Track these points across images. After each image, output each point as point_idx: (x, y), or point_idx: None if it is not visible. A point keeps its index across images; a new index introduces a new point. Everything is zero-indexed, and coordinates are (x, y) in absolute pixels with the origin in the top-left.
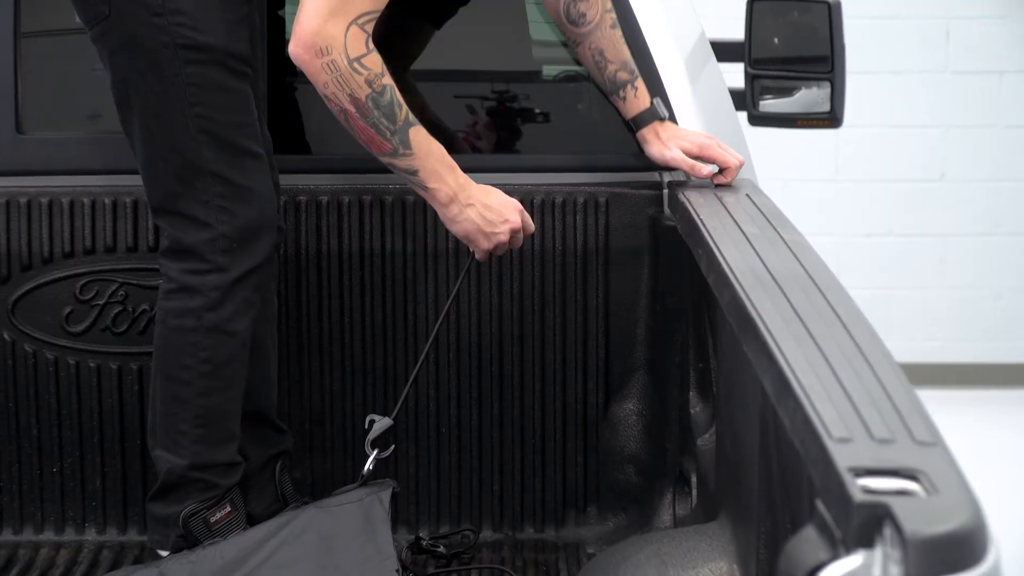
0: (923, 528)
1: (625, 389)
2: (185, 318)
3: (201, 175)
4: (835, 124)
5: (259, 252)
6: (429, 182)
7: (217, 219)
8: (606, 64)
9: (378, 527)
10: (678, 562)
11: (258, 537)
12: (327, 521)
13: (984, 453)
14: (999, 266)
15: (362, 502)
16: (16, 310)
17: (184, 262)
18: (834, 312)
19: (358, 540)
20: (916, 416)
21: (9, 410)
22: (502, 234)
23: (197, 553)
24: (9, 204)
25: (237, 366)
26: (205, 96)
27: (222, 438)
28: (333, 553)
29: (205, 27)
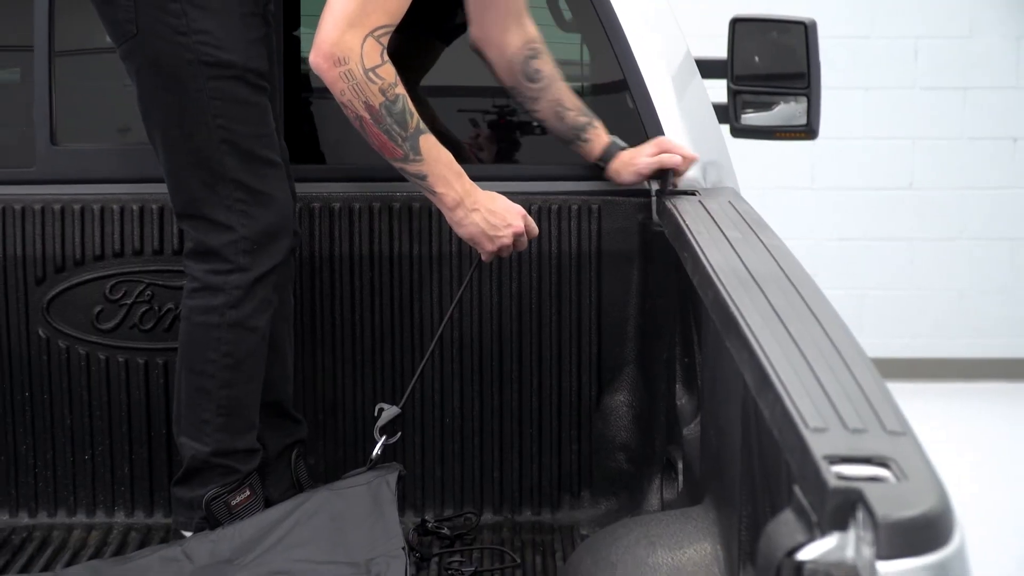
0: (893, 512)
1: (616, 382)
2: (209, 315)
3: (223, 182)
4: (811, 136)
5: (277, 253)
6: (437, 187)
7: (239, 223)
8: (566, 112)
9: (385, 508)
10: (665, 543)
11: (274, 518)
12: (338, 503)
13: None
14: (963, 268)
15: (370, 484)
16: (50, 309)
17: (208, 263)
18: (810, 311)
19: (367, 520)
20: (887, 407)
21: (44, 402)
22: (505, 237)
23: (217, 533)
24: (44, 210)
25: (257, 359)
26: (227, 109)
27: (243, 427)
28: (343, 532)
29: (227, 45)
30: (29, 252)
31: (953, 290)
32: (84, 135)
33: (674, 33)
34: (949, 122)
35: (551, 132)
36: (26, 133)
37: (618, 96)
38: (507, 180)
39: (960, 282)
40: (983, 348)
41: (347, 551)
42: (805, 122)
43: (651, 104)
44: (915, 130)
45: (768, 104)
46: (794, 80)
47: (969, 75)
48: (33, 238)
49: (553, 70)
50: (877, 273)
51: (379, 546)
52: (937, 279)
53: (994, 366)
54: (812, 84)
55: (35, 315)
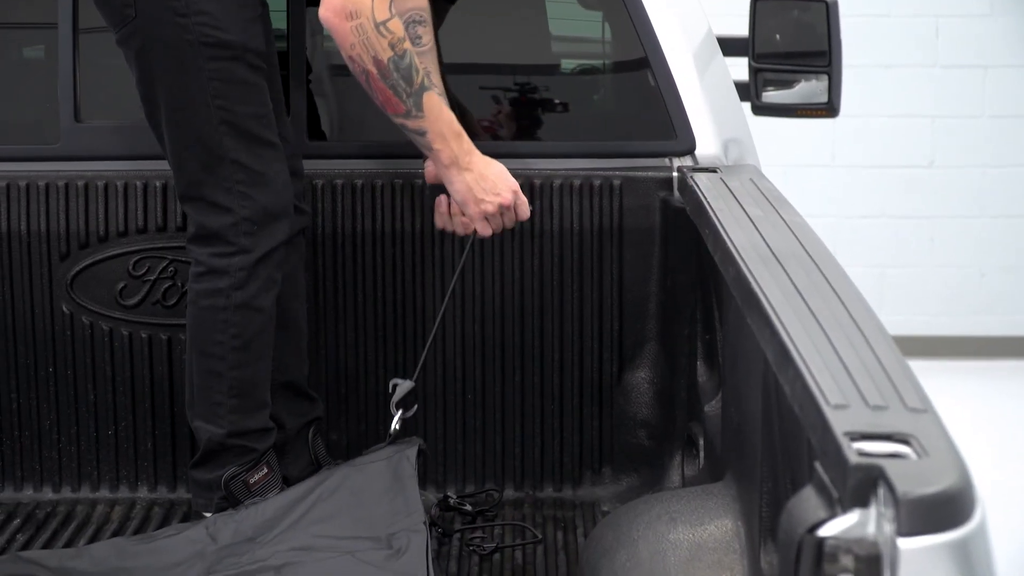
0: (914, 488)
1: (638, 358)
2: (215, 298)
3: (223, 163)
4: (832, 114)
5: (279, 233)
6: (435, 143)
7: (238, 204)
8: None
9: (406, 482)
10: (686, 519)
11: (296, 495)
12: (358, 478)
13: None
14: (984, 246)
15: (390, 459)
16: (74, 285)
17: (211, 246)
18: (831, 288)
19: (388, 495)
20: (908, 384)
21: (68, 377)
22: (490, 204)
23: (240, 512)
24: (68, 187)
25: (265, 339)
26: (226, 90)
27: (255, 406)
28: (364, 508)
29: (226, 26)
30: (53, 228)
31: (973, 268)
32: (108, 112)
33: (695, 11)
34: (969, 100)
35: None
36: (50, 110)
37: (640, 74)
38: (528, 157)
39: (980, 260)
40: (1003, 326)
41: (369, 526)
42: (826, 100)
43: (673, 82)
44: (935, 108)
45: (789, 82)
46: (815, 58)
47: (989, 53)
48: (57, 214)
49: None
50: (897, 251)
51: (400, 520)
52: (957, 257)
53: (1015, 344)
54: (833, 62)
55: (59, 291)
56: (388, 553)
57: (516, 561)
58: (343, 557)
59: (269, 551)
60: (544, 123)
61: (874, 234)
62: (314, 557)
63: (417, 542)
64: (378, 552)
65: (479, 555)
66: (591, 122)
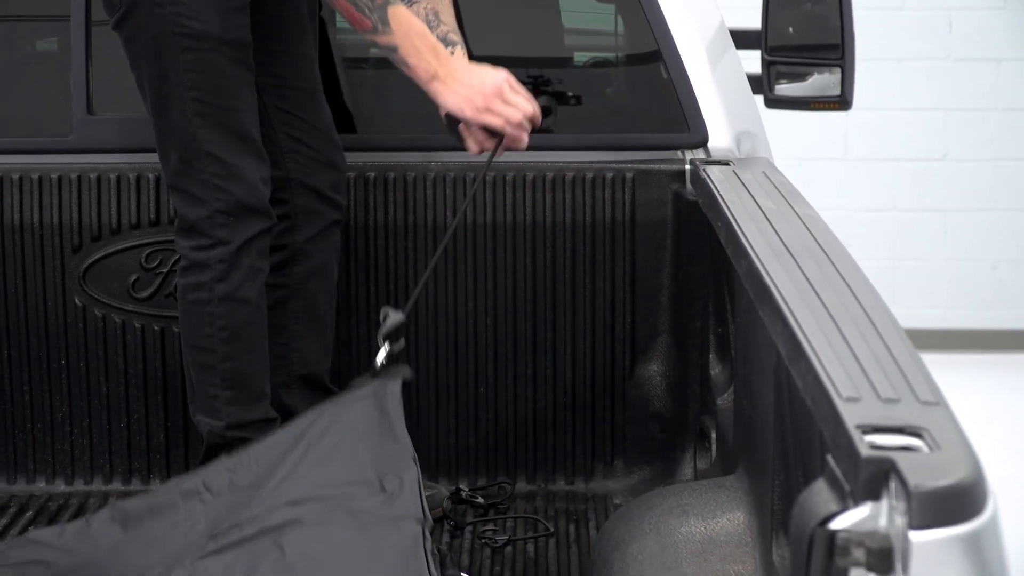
0: (926, 481)
1: (650, 351)
2: (199, 292)
3: (199, 156)
4: (845, 107)
5: (256, 223)
6: (409, 58)
7: (213, 197)
8: (439, 24)
9: (393, 418)
10: (698, 512)
11: (286, 442)
12: (347, 419)
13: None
14: (996, 239)
15: (376, 395)
16: (87, 277)
17: (191, 239)
18: (843, 281)
19: (376, 434)
20: (920, 377)
21: (80, 370)
22: (480, 100)
23: (233, 460)
24: (81, 179)
25: (254, 329)
26: (201, 81)
27: (252, 397)
28: (355, 450)
29: (202, 16)
30: (66, 221)
31: (985, 261)
32: (120, 105)
33: (708, 4)
34: (983, 93)
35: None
36: (63, 102)
37: (652, 67)
38: (541, 150)
39: (992, 253)
40: (1015, 319)
41: (360, 470)
42: (839, 93)
43: (685, 75)
44: (949, 101)
45: (802, 75)
46: (828, 51)
47: (1003, 46)
48: (69, 207)
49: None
50: (910, 244)
51: (390, 456)
52: (969, 250)
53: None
54: (846, 55)
55: (71, 283)
56: (383, 498)
57: (528, 554)
58: (339, 513)
59: (266, 506)
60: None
61: (886, 227)
62: (311, 514)
63: (409, 480)
64: (373, 499)
65: (491, 548)
66: (604, 115)
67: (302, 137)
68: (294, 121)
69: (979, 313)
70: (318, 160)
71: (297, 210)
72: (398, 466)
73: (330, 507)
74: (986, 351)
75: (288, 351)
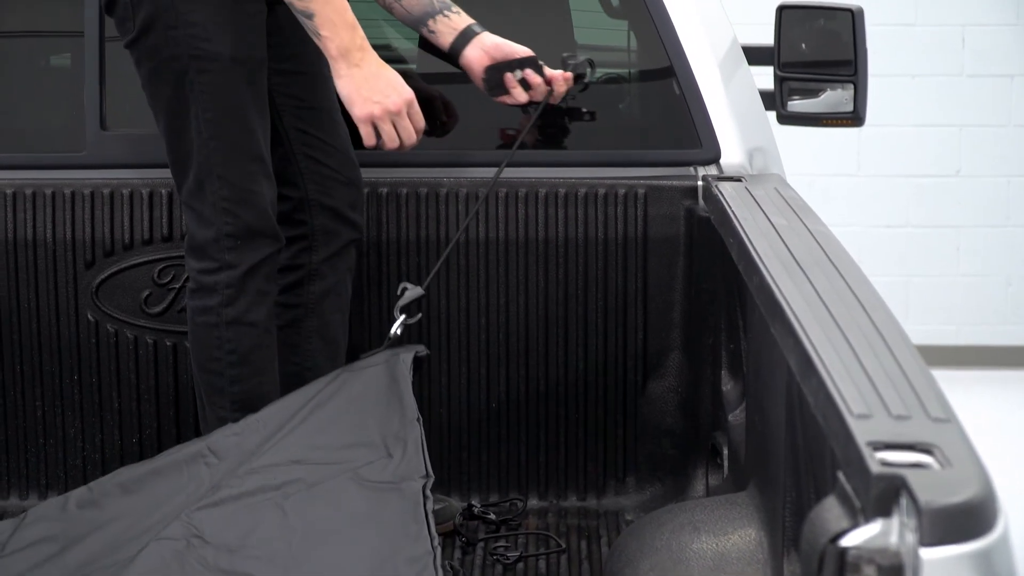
0: (937, 498)
1: (662, 367)
2: (207, 315)
3: (210, 177)
4: (858, 123)
5: (263, 248)
6: (322, 29)
7: (221, 220)
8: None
9: (402, 384)
10: (710, 529)
11: (295, 405)
12: (356, 384)
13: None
14: (1009, 255)
15: (388, 363)
16: (100, 293)
17: (199, 261)
18: (855, 297)
19: (384, 398)
20: (931, 394)
21: (93, 385)
22: (377, 107)
23: (240, 425)
24: (94, 195)
25: (263, 352)
26: (215, 103)
27: None
28: (361, 413)
29: (216, 37)
30: (79, 236)
31: (999, 277)
32: (134, 120)
33: (721, 20)
34: (996, 109)
35: (404, 12)
36: (76, 118)
37: (665, 83)
38: (554, 166)
39: (1006, 269)
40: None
41: (365, 433)
42: (852, 109)
43: (698, 91)
44: (962, 117)
45: (815, 91)
46: (841, 67)
47: (1016, 62)
48: (83, 222)
49: None
50: (923, 260)
51: (395, 422)
52: (983, 266)
53: None
54: (859, 71)
55: (84, 299)
56: (386, 461)
57: (540, 570)
58: (341, 474)
59: (268, 462)
60: (570, 132)
61: (900, 243)
62: (314, 474)
63: (412, 439)
64: (376, 462)
65: (503, 564)
66: (616, 131)
67: (320, 157)
68: (312, 142)
69: (992, 329)
70: (336, 179)
71: (315, 230)
72: (404, 430)
73: (333, 468)
74: (1001, 367)
75: (302, 370)
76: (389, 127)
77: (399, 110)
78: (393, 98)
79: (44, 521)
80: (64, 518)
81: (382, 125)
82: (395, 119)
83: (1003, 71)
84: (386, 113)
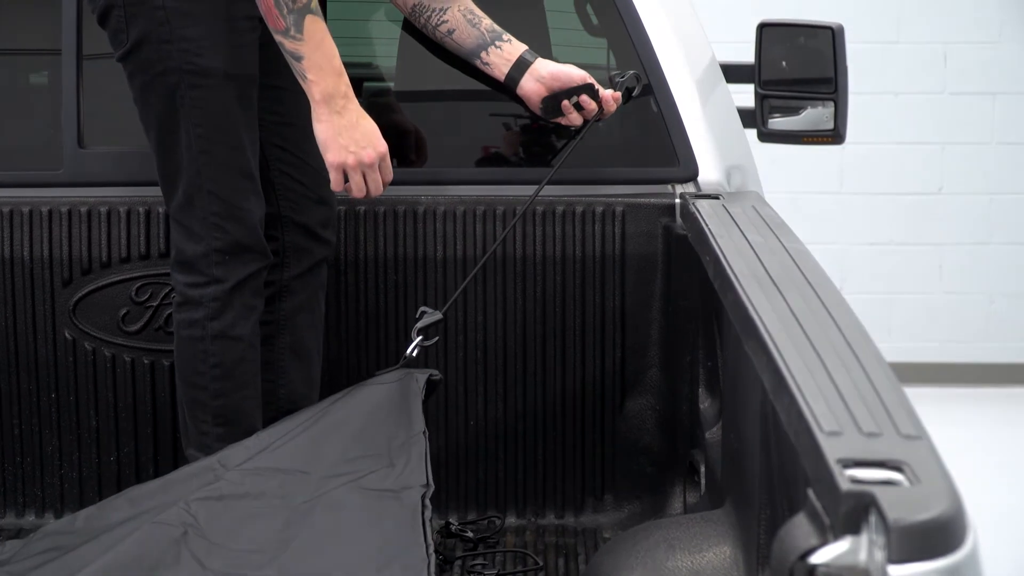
0: (906, 516)
1: (640, 385)
2: (192, 328)
3: (200, 192)
4: (838, 141)
5: (252, 263)
6: (309, 72)
7: (211, 236)
8: (480, 20)
9: (411, 400)
10: (685, 546)
11: (306, 415)
12: (367, 397)
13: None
14: (993, 273)
15: (401, 381)
16: (77, 311)
17: (187, 275)
18: (829, 314)
19: (393, 411)
20: (902, 411)
21: (70, 403)
22: (352, 156)
23: (252, 440)
24: (71, 213)
25: (247, 367)
26: (207, 118)
27: (243, 434)
28: (370, 424)
29: (209, 52)
30: (56, 254)
31: (982, 294)
32: (111, 138)
33: (699, 38)
34: (979, 127)
35: (455, 44)
36: (54, 136)
37: (642, 101)
38: (532, 184)
39: (989, 286)
40: (1013, 353)
41: (371, 443)
42: (832, 127)
43: (675, 109)
44: (944, 135)
45: (795, 109)
46: (821, 85)
47: (998, 80)
48: (60, 240)
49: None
50: (906, 278)
51: (402, 435)
52: (966, 284)
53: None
54: (839, 89)
55: (61, 317)
56: (387, 470)
57: None
58: (343, 483)
59: (273, 464)
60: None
61: (883, 261)
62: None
63: (417, 452)
64: (379, 472)
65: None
66: (594, 149)
67: (295, 174)
68: (288, 158)
69: (976, 346)
70: (309, 197)
71: (286, 247)
72: (408, 442)
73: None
74: (983, 385)
75: (275, 387)
76: (359, 177)
77: (372, 163)
78: (368, 151)
79: (54, 535)
80: (73, 530)
81: (352, 174)
82: (366, 170)
83: (985, 89)
84: (359, 164)
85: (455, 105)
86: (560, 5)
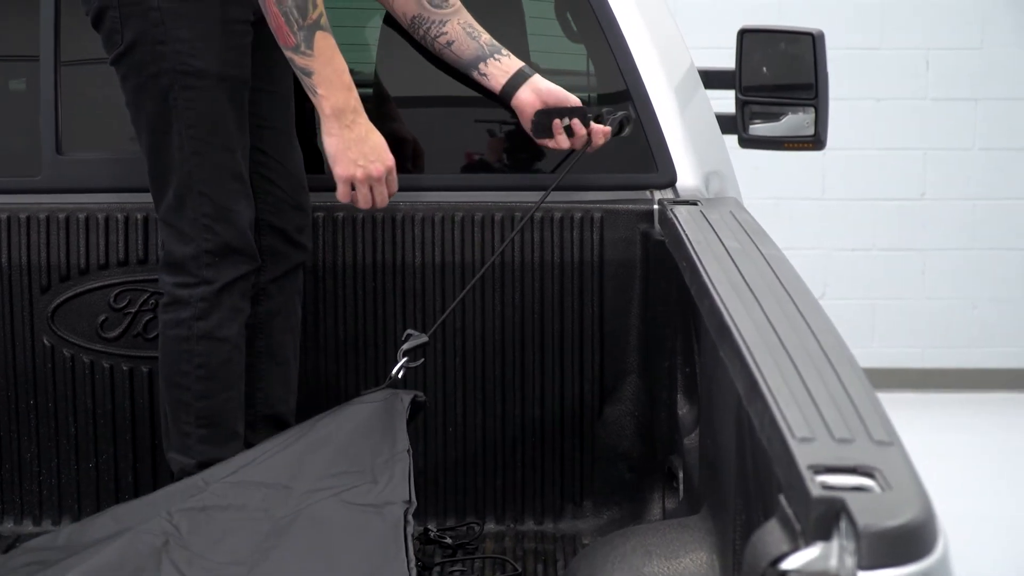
0: (876, 522)
1: (618, 392)
2: (179, 328)
3: (191, 194)
4: (819, 147)
5: (241, 265)
6: (320, 88)
7: (201, 237)
8: (479, 33)
9: (395, 419)
10: (661, 553)
11: (291, 433)
12: (352, 416)
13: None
14: (975, 278)
15: (386, 401)
16: (55, 317)
17: (175, 276)
18: (804, 320)
19: (377, 430)
20: (875, 417)
21: (49, 410)
22: (360, 170)
23: (239, 457)
24: (49, 219)
25: (231, 369)
26: (199, 120)
27: (225, 437)
28: (354, 442)
29: (202, 54)
30: (34, 261)
31: (964, 300)
32: (89, 144)
33: (678, 45)
34: (960, 133)
35: (453, 55)
36: (32, 142)
37: (621, 106)
38: (511, 190)
39: (971, 292)
40: (995, 358)
41: (354, 460)
42: (813, 133)
43: (654, 115)
44: (926, 141)
45: (776, 115)
46: (802, 91)
47: (980, 86)
48: (38, 247)
49: (460, 5)
50: (888, 283)
51: (385, 452)
52: (949, 289)
53: (1006, 376)
54: (820, 95)
55: (40, 323)
56: (370, 486)
57: None
58: (326, 498)
59: (258, 477)
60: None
61: (865, 266)
62: (298, 496)
63: (400, 469)
64: (362, 487)
65: None
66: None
67: (274, 179)
68: (268, 162)
69: (958, 352)
70: (287, 202)
71: (263, 250)
72: (392, 459)
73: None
74: (966, 390)
75: (253, 390)
76: (366, 191)
77: (380, 177)
78: (376, 164)
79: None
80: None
81: (360, 187)
82: (373, 183)
83: (967, 95)
84: (367, 177)
85: (433, 112)
86: (540, 11)
